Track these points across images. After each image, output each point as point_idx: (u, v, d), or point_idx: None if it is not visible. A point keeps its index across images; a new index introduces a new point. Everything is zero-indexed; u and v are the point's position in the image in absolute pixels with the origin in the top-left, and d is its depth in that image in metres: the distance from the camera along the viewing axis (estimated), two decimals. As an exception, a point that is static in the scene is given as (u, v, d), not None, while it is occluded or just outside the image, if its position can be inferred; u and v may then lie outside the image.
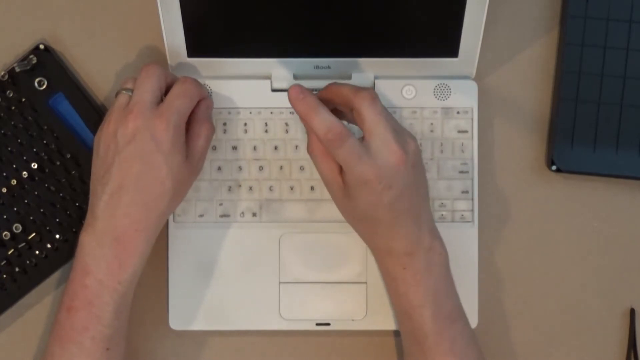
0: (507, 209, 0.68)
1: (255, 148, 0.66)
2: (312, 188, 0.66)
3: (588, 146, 0.67)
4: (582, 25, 0.67)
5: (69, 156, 0.66)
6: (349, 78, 0.65)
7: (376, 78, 0.66)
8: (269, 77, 0.66)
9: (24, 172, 0.65)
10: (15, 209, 0.65)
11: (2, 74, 0.66)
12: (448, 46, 0.64)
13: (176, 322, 0.66)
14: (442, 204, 0.66)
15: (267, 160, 0.66)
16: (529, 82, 0.69)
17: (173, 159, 0.58)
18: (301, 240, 0.66)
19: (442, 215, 0.66)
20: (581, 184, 0.68)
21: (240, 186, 0.66)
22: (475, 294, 0.66)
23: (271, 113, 0.66)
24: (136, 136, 0.57)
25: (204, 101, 0.62)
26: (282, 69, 0.65)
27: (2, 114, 0.65)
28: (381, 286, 0.66)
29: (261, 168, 0.66)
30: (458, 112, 0.66)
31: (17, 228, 0.65)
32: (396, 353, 0.68)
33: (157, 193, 0.58)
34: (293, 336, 0.67)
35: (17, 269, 0.65)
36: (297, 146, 0.66)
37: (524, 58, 0.69)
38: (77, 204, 0.66)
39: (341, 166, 0.58)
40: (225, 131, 0.66)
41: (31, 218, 0.65)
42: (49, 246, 0.66)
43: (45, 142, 0.66)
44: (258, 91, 0.66)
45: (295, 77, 0.65)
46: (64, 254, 0.66)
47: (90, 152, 0.61)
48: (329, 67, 0.65)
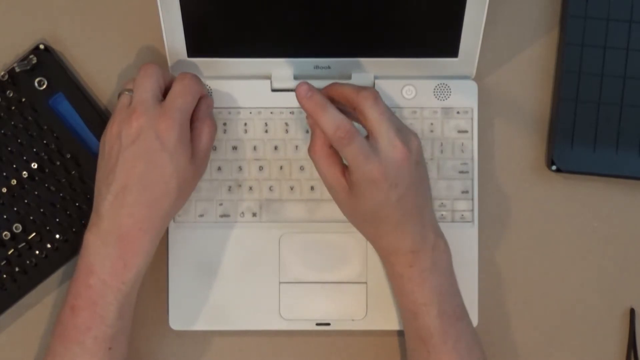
0: (507, 209, 0.68)
1: (255, 148, 0.66)
2: (312, 188, 0.66)
3: (588, 146, 0.67)
4: (582, 25, 0.67)
5: (69, 156, 0.66)
6: (349, 78, 0.65)
7: (376, 78, 0.66)
8: (269, 77, 0.66)
9: (24, 172, 0.65)
10: (15, 209, 0.65)
11: (2, 74, 0.66)
12: (448, 46, 0.64)
13: (176, 322, 0.66)
14: (442, 204, 0.66)
15: (267, 160, 0.66)
16: (529, 82, 0.69)
17: (178, 157, 0.58)
18: (301, 240, 0.66)
19: (442, 215, 0.66)
20: (581, 184, 0.68)
21: (240, 186, 0.66)
22: (476, 293, 0.66)
23: (271, 113, 0.66)
24: (140, 135, 0.57)
25: (204, 100, 0.62)
26: (282, 69, 0.65)
27: (2, 114, 0.65)
28: (381, 286, 0.66)
29: (261, 168, 0.66)
30: (458, 112, 0.66)
31: (17, 228, 0.65)
32: (396, 353, 0.68)
33: (162, 192, 0.58)
34: (293, 336, 0.67)
35: (17, 269, 0.65)
36: (297, 146, 0.66)
37: (524, 58, 0.69)
38: (77, 204, 0.66)
39: (345, 167, 0.58)
40: (225, 131, 0.66)
41: (31, 218, 0.65)
42: (49, 246, 0.66)
43: (45, 142, 0.66)
44: (258, 91, 0.66)
45: (295, 77, 0.65)
46: (64, 254, 0.66)
47: (90, 152, 0.61)
48: (329, 67, 0.65)
